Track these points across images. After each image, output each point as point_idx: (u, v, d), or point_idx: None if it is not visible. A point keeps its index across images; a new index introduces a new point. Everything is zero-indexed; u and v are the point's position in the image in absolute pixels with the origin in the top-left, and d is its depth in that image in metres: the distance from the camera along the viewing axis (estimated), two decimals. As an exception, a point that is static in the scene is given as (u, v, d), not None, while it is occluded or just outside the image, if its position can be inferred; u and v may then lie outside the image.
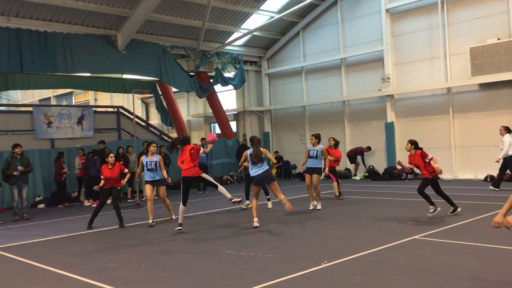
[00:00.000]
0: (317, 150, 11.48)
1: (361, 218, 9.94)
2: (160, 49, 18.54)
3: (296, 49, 22.10)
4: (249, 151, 9.60)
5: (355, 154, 19.33)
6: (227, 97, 24.80)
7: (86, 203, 15.73)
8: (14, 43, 14.90)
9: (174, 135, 23.92)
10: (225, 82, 21.20)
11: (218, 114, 22.05)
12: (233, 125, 23.70)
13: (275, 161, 9.86)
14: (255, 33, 21.09)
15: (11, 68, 15.11)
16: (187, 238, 8.76)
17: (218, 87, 22.57)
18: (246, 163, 9.80)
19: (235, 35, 21.00)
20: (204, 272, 6.20)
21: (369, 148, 19.20)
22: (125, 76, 20.71)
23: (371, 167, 19.23)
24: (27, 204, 12.95)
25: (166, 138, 21.42)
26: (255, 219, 9.51)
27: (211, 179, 9.64)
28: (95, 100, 31.88)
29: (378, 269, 5.92)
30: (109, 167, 10.53)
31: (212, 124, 25.94)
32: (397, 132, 18.77)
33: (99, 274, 6.41)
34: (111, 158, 10.64)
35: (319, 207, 11.44)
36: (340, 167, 20.32)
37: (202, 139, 17.97)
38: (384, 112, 19.00)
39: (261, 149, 9.50)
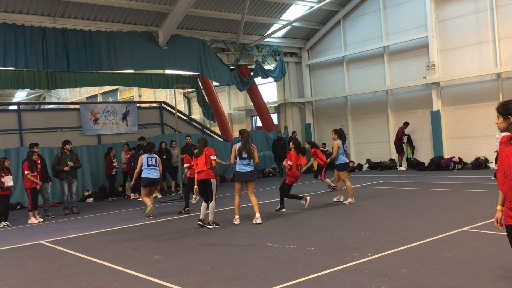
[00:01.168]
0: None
1: (407, 209, 9.71)
2: (200, 44, 18.70)
3: (336, 39, 21.78)
4: (238, 145, 9.50)
5: (400, 141, 18.84)
6: (268, 90, 24.77)
7: (132, 196, 16.13)
8: (61, 43, 15.39)
9: (216, 129, 24.15)
10: (266, 74, 21.17)
11: (259, 107, 22.05)
12: (274, 117, 23.66)
13: (257, 161, 9.74)
14: (294, 24, 20.91)
15: (58, 67, 15.62)
16: (229, 230, 8.82)
17: (258, 80, 22.56)
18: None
19: (275, 27, 20.90)
20: (247, 265, 6.22)
21: (406, 124, 18.72)
22: (167, 71, 21.06)
23: (412, 159, 18.77)
24: (76, 199, 13.40)
25: (208, 132, 21.64)
26: (237, 217, 9.45)
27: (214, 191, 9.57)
28: (139, 96, 32.57)
29: (425, 262, 5.75)
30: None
31: (253, 117, 25.99)
32: (444, 120, 18.22)
33: (144, 266, 6.55)
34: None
35: (346, 201, 11.17)
36: (384, 158, 19.96)
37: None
38: (429, 100, 18.47)
39: (251, 145, 9.51)
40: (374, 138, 20.70)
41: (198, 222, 9.54)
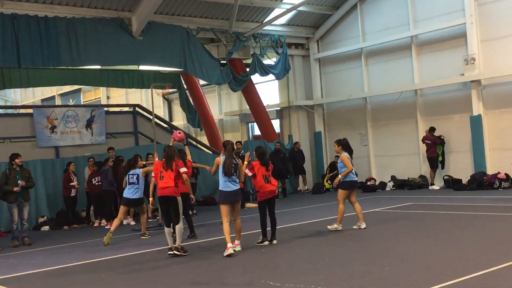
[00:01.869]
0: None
1: (441, 238, 9.74)
2: (184, 33, 18.78)
3: (353, 27, 21.88)
4: (222, 158, 9.87)
5: (431, 149, 18.71)
6: (268, 90, 24.82)
7: (96, 224, 16.08)
8: (9, 32, 15.38)
9: (203, 138, 24.15)
10: (265, 71, 21.22)
11: (257, 111, 22.08)
12: (276, 124, 23.70)
13: (243, 179, 10.18)
14: (301, 8, 21.02)
15: (6, 63, 15.61)
16: (221, 265, 8.80)
17: (256, 78, 22.60)
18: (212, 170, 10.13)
19: (276, 11, 21.01)
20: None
21: (432, 130, 18.75)
22: (142, 67, 21.06)
23: (445, 177, 18.81)
24: (28, 227, 13.35)
25: (194, 142, 21.66)
26: (229, 245, 9.57)
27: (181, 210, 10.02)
28: (108, 98, 32.61)
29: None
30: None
31: (249, 124, 26.03)
32: (486, 127, 18.26)
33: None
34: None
35: (331, 226, 11.53)
36: (413, 174, 19.98)
37: (237, 142, 18.05)
38: (469, 102, 18.54)
39: (236, 160, 9.88)
40: (400, 150, 20.72)
41: (169, 252, 9.80)
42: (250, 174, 10.43)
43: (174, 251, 9.80)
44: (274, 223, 10.63)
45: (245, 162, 10.49)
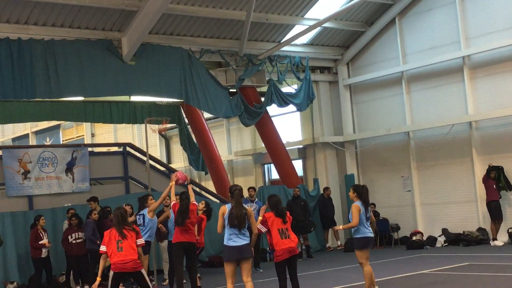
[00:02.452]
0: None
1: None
2: (184, 56, 18.91)
3: (391, 46, 21.95)
4: (227, 207, 10.03)
5: (491, 191, 18.51)
6: (288, 124, 24.81)
7: (76, 290, 15.96)
8: (-25, 57, 15.65)
9: (209, 184, 24.06)
10: (284, 100, 21.23)
11: (275, 150, 22.02)
12: (298, 165, 23.60)
13: (256, 232, 10.24)
14: (327, 24, 21.16)
15: (-29, 95, 15.79)
16: None
17: (273, 109, 22.61)
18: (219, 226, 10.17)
19: (297, 29, 21.16)
20: None
21: (492, 170, 18.52)
22: (134, 98, 21.19)
23: (511, 230, 18.53)
24: (-6, 295, 13.24)
25: (198, 189, 21.58)
26: None
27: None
28: (92, 135, 32.76)
29: None
30: None
31: (265, 166, 25.95)
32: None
33: None
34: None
35: None
36: (470, 226, 19.70)
37: (251, 188, 17.93)
38: (537, 137, 18.39)
39: (246, 207, 10.03)
40: (453, 197, 20.47)
41: None
42: (264, 230, 10.40)
43: None
44: None
45: (260, 218, 10.43)
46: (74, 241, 15.88)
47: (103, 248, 10.00)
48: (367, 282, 11.28)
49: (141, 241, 9.99)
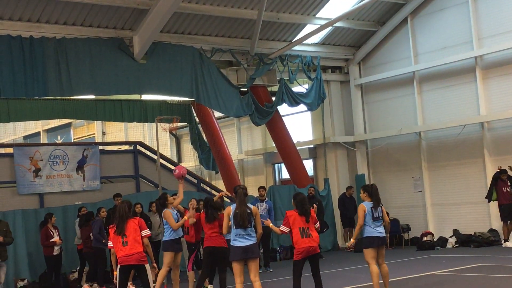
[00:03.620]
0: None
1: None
2: (196, 55, 18.95)
3: (403, 46, 21.92)
4: (232, 207, 10.16)
5: (501, 194, 18.44)
6: (299, 124, 24.84)
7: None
8: (-13, 56, 15.74)
9: (219, 183, 24.12)
10: (295, 100, 21.24)
11: (286, 150, 22.05)
12: (308, 165, 23.62)
13: (261, 231, 10.35)
14: (338, 23, 21.14)
15: (-18, 93, 15.89)
16: None
17: (284, 109, 22.63)
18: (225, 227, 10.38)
19: (308, 28, 21.16)
20: None
21: (503, 172, 18.39)
22: (145, 97, 21.26)
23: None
24: (5, 292, 13.34)
25: (208, 188, 21.64)
26: None
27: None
28: (103, 134, 32.86)
29: None
30: None
31: (276, 165, 25.98)
32: None
33: None
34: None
35: None
36: (481, 227, 19.65)
37: (261, 188, 17.96)
38: (549, 138, 18.33)
39: (251, 206, 10.17)
40: (465, 198, 20.42)
41: None
42: (286, 230, 10.45)
43: None
44: (320, 287, 10.61)
45: (278, 229, 10.66)
46: (91, 239, 15.93)
47: (110, 243, 10.11)
48: (373, 280, 11.28)
49: (146, 232, 10.07)
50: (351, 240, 11.62)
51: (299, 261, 10.47)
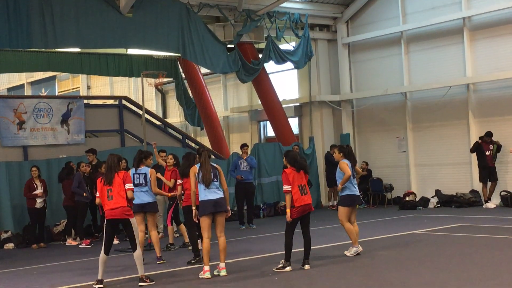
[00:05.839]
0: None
1: (495, 269, 9.72)
2: (183, 10, 18.78)
3: (391, 5, 21.82)
4: (198, 166, 10.51)
5: (483, 158, 18.62)
6: (285, 81, 24.80)
7: (70, 242, 16.15)
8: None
9: (204, 139, 24.15)
10: (282, 57, 21.18)
11: (271, 108, 22.07)
12: (294, 123, 23.67)
13: (226, 187, 10.59)
14: (327, -19, 21.03)
15: (-34, 44, 15.75)
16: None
17: (271, 66, 22.58)
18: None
19: (297, -15, 21.02)
20: None
21: (488, 135, 18.61)
22: (131, 51, 21.12)
23: (503, 193, 18.72)
24: (-12, 243, 13.40)
25: (193, 144, 21.68)
26: (206, 268, 10.19)
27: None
28: (88, 88, 32.70)
29: None
30: None
31: (261, 123, 26.01)
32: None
33: None
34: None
35: (348, 252, 11.62)
36: (463, 188, 19.87)
37: (245, 145, 17.99)
38: (533, 101, 18.45)
39: (214, 165, 10.49)
40: (448, 159, 20.60)
41: (97, 285, 9.90)
42: (289, 188, 10.53)
43: (140, 283, 9.96)
44: (308, 244, 10.83)
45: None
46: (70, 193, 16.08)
47: (97, 194, 10.25)
48: (352, 237, 11.53)
49: (129, 185, 10.10)
50: (339, 186, 11.64)
51: (295, 219, 10.63)
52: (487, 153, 18.72)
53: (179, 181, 12.43)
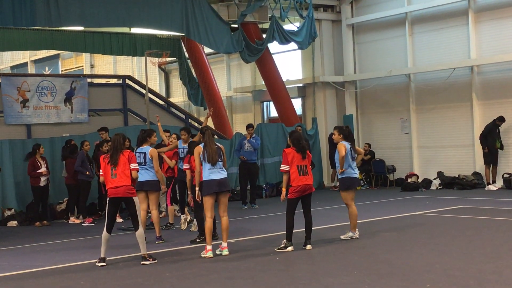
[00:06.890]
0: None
1: (497, 250, 9.75)
2: (186, -11, 18.74)
3: (396, -14, 21.75)
4: (202, 146, 10.52)
5: (493, 141, 18.61)
6: (289, 62, 24.76)
7: (72, 220, 16.23)
8: (-26, -17, 15.50)
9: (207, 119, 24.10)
10: (286, 38, 21.12)
11: (275, 88, 22.05)
12: (297, 104, 23.66)
13: (226, 167, 10.69)
14: (332, -39, 20.91)
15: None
16: (204, 267, 8.86)
17: (274, 46, 22.52)
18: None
19: (301, -35, 20.90)
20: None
21: (501, 120, 18.59)
22: (134, 30, 21.07)
23: (505, 175, 18.74)
24: (-8, 221, 13.47)
25: (196, 124, 21.69)
26: (209, 247, 10.24)
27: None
28: (92, 67, 32.68)
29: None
30: None
31: (265, 103, 25.99)
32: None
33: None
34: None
35: (344, 236, 11.58)
36: (465, 170, 19.89)
37: (249, 126, 18.00)
38: (537, 83, 18.41)
39: (218, 145, 10.55)
40: (451, 141, 20.60)
41: (100, 264, 9.93)
42: (286, 168, 10.59)
43: (142, 261, 10.02)
44: (310, 224, 10.90)
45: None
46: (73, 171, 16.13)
47: (101, 172, 10.27)
48: (352, 222, 11.52)
49: (134, 165, 10.15)
50: (339, 170, 11.63)
51: (294, 199, 10.68)
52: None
53: (186, 166, 12.10)
